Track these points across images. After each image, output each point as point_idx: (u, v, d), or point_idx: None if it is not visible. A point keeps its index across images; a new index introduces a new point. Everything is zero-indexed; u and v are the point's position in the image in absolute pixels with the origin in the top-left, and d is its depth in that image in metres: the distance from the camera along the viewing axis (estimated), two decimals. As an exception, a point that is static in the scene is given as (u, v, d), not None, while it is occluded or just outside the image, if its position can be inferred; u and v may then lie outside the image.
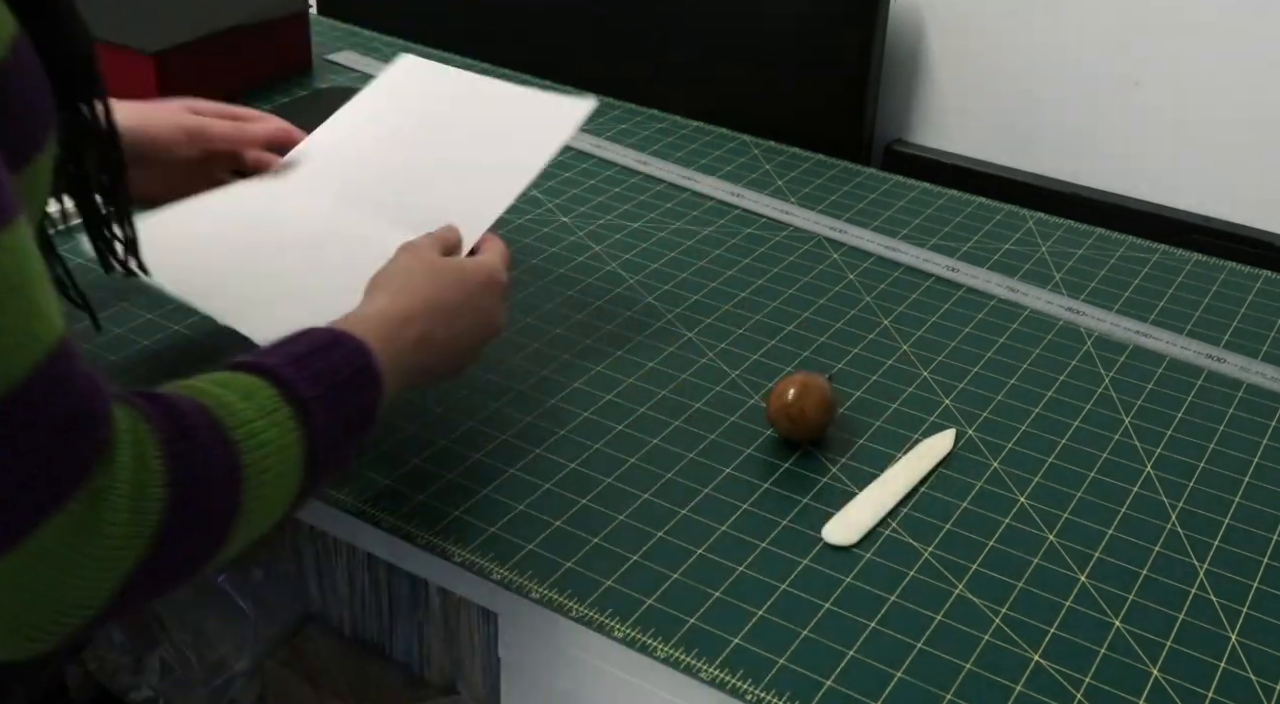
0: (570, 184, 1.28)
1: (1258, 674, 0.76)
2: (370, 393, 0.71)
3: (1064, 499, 0.89)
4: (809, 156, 1.36)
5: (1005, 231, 1.24)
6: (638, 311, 1.08)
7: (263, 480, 0.62)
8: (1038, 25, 1.40)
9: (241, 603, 1.17)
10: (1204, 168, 1.37)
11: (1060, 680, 0.75)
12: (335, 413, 0.67)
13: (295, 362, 0.67)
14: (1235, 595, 0.81)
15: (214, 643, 1.17)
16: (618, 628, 0.77)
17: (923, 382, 1.01)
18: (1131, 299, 1.13)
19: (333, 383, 0.68)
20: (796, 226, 1.23)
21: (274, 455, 0.63)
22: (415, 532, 0.83)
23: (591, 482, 0.88)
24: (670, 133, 1.40)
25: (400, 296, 0.79)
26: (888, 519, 0.86)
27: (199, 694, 1.19)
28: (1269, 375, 1.03)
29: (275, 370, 0.66)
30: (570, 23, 1.57)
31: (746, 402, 0.97)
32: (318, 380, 0.67)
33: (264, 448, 0.62)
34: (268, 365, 0.66)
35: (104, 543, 0.55)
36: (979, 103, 1.47)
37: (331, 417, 0.67)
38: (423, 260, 0.83)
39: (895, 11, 1.44)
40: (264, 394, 0.64)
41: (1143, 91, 1.37)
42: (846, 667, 0.75)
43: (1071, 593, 0.81)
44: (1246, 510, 0.89)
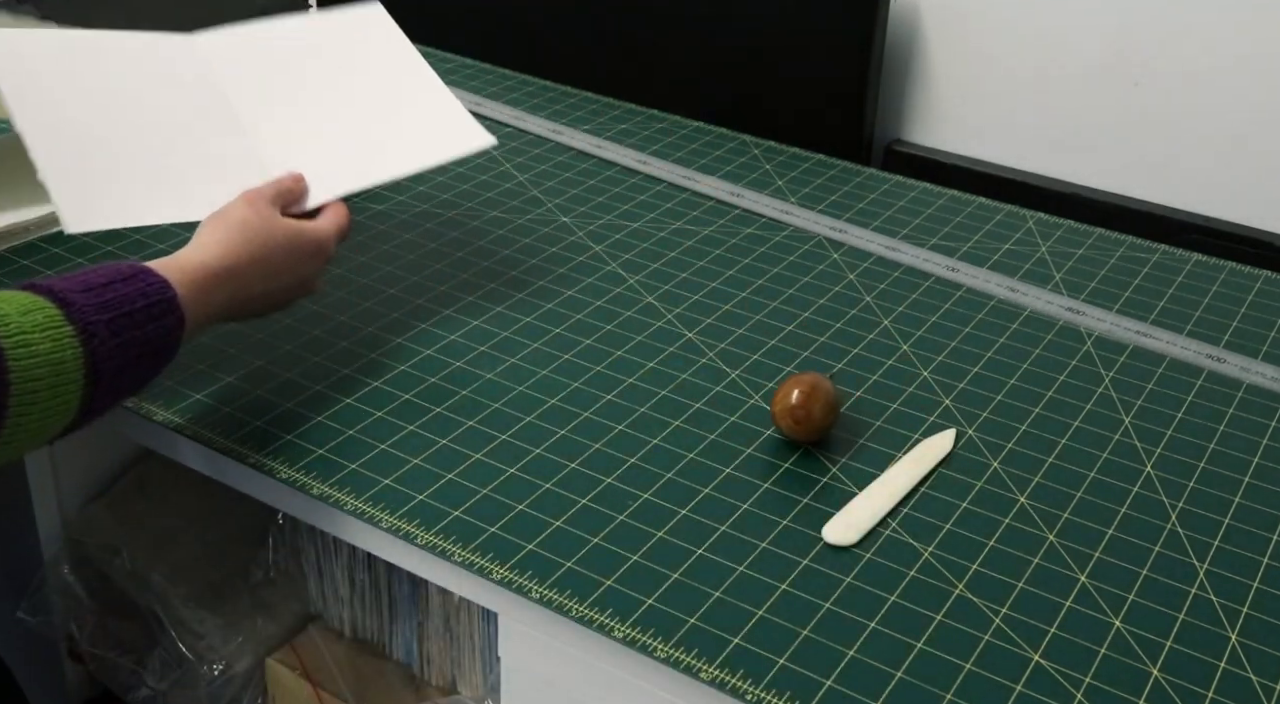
0: (570, 184, 1.28)
1: (1258, 674, 0.76)
2: (166, 325, 0.76)
3: (1064, 499, 0.89)
4: (809, 156, 1.36)
5: (1005, 231, 1.24)
6: (638, 311, 1.08)
7: (32, 388, 0.67)
8: (1037, 25, 1.40)
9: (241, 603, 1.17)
10: (1204, 168, 1.37)
11: (1060, 680, 0.75)
12: (122, 337, 0.73)
13: (88, 289, 0.73)
14: (1235, 595, 0.81)
15: (214, 643, 1.17)
16: (618, 628, 0.77)
17: (923, 382, 1.01)
18: (1131, 299, 1.13)
19: (124, 312, 0.73)
20: (796, 227, 1.22)
21: (44, 366, 0.68)
22: (415, 532, 0.83)
23: (591, 482, 0.88)
24: (670, 133, 1.40)
25: (229, 253, 0.84)
26: (888, 519, 0.86)
27: (199, 694, 1.19)
28: (1269, 375, 1.03)
29: (64, 293, 0.71)
30: (570, 23, 1.57)
31: (746, 401, 0.97)
32: (106, 307, 0.72)
33: (34, 357, 0.67)
34: (57, 288, 0.72)
35: None
36: (979, 103, 1.47)
37: (118, 341, 0.72)
38: (261, 216, 0.88)
39: (895, 11, 1.44)
40: (45, 312, 0.69)
41: (1142, 91, 1.37)
42: (846, 667, 0.75)
43: (1071, 593, 0.81)
44: (1246, 510, 0.89)
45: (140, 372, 0.76)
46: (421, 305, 1.06)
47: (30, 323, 0.68)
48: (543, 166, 1.31)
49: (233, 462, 0.89)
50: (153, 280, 0.77)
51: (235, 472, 0.90)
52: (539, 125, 1.39)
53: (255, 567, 1.17)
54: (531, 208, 1.23)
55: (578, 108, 1.45)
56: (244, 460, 0.88)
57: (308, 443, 0.90)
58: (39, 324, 0.69)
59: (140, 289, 0.75)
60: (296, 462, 0.88)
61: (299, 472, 0.88)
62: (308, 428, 0.92)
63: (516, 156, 1.33)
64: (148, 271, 0.77)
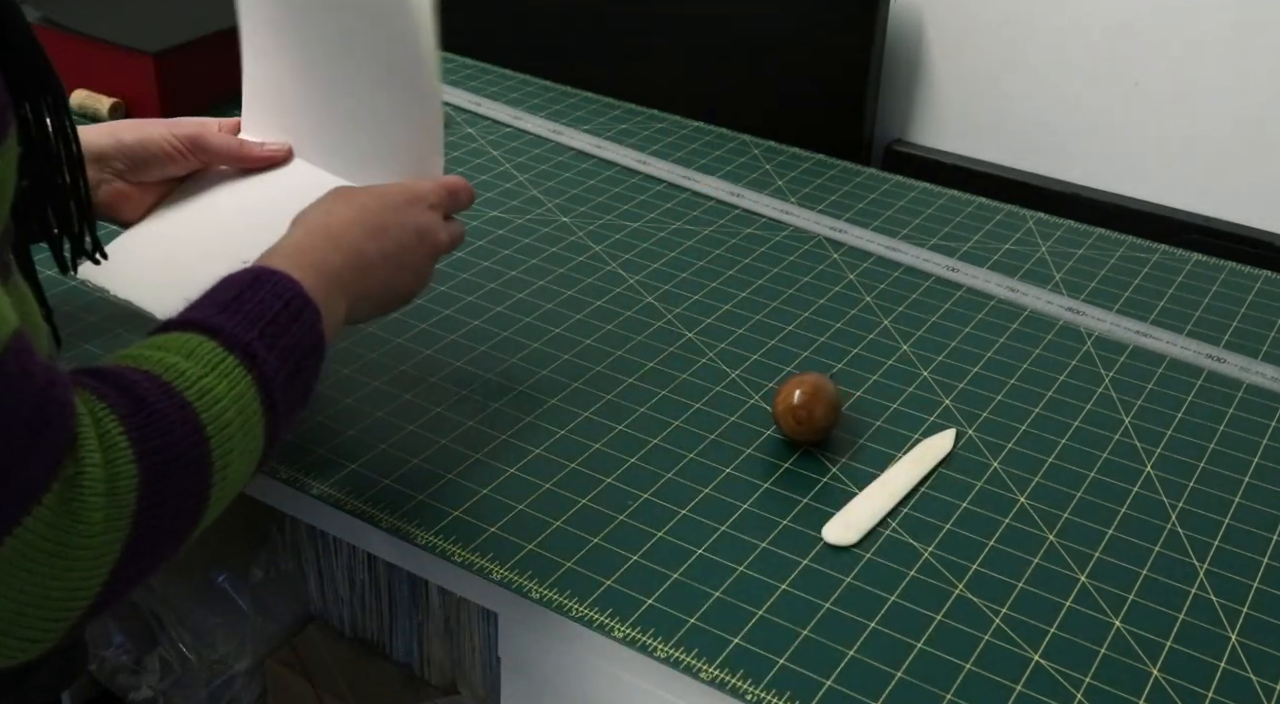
0: (570, 184, 1.28)
1: (1258, 674, 0.76)
2: (308, 320, 0.71)
3: (1064, 499, 0.89)
4: (809, 156, 1.36)
5: (1005, 231, 1.24)
6: (638, 311, 1.08)
7: (227, 435, 0.62)
8: (1037, 25, 1.40)
9: (241, 603, 1.17)
10: (1204, 168, 1.37)
11: (1060, 680, 0.75)
12: (279, 349, 0.67)
13: (224, 309, 0.67)
14: (1235, 595, 0.81)
15: (214, 643, 1.17)
16: (618, 628, 0.77)
17: (923, 382, 1.01)
18: (1131, 299, 1.13)
19: (268, 321, 0.68)
20: (796, 227, 1.22)
21: (231, 407, 0.63)
22: (415, 532, 0.83)
23: (591, 482, 0.88)
24: (670, 133, 1.40)
25: (318, 225, 0.78)
26: (888, 519, 0.86)
27: (199, 694, 1.19)
28: (1269, 375, 1.03)
29: (207, 322, 0.66)
30: (570, 23, 1.57)
31: (746, 401, 0.97)
32: (252, 321, 0.67)
33: (219, 403, 0.62)
34: (198, 319, 0.66)
35: (86, 529, 0.54)
36: (979, 103, 1.47)
37: (276, 354, 0.67)
38: (340, 191, 0.83)
39: (895, 11, 1.44)
40: (204, 348, 0.64)
41: (1142, 91, 1.37)
42: (846, 667, 0.75)
43: (1071, 593, 0.81)
44: (1246, 510, 0.89)
45: (304, 380, 0.70)
46: (421, 305, 1.06)
47: (200, 367, 0.62)
48: (543, 166, 1.31)
49: (233, 462, 0.89)
50: (276, 278, 0.70)
51: (235, 472, 0.90)
52: (539, 125, 1.39)
53: (255, 567, 1.17)
54: (531, 208, 1.23)
55: (578, 108, 1.45)
56: (244, 460, 0.88)
57: (307, 443, 0.90)
58: (208, 364, 0.63)
59: (271, 291, 0.69)
60: (296, 462, 0.88)
61: (299, 472, 0.88)
62: (308, 429, 0.92)
63: (516, 156, 1.33)
64: (267, 270, 0.71)
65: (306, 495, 0.87)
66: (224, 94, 1.40)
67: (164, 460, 0.58)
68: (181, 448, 0.59)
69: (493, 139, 1.36)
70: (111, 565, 0.56)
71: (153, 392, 0.59)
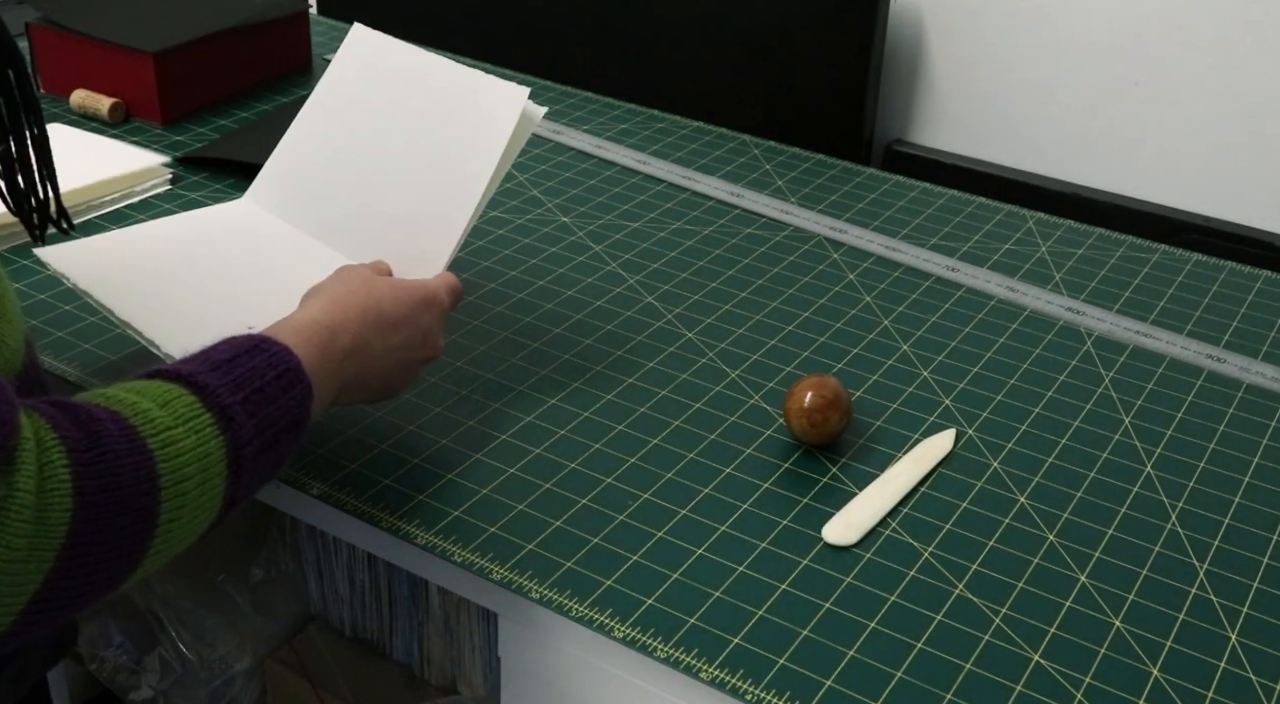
0: (570, 184, 1.28)
1: (1258, 674, 0.76)
2: (296, 396, 0.70)
3: (1064, 499, 0.89)
4: (809, 156, 1.36)
5: (1005, 231, 1.24)
6: (638, 311, 1.08)
7: (182, 489, 0.61)
8: (1037, 25, 1.40)
9: (241, 603, 1.17)
10: (1204, 168, 1.37)
11: (1060, 680, 0.75)
12: (259, 418, 0.67)
13: (215, 368, 0.66)
14: (1235, 595, 0.81)
15: (214, 643, 1.17)
16: (618, 628, 0.77)
17: (923, 382, 1.01)
18: (1131, 299, 1.13)
19: (255, 388, 0.67)
20: (796, 226, 1.23)
21: (193, 464, 0.62)
22: (415, 532, 0.83)
23: (591, 482, 0.88)
24: (670, 133, 1.40)
25: (335, 306, 0.78)
26: (888, 519, 0.86)
27: (199, 694, 1.19)
28: (1269, 375, 1.03)
29: (194, 377, 0.65)
30: (570, 23, 1.57)
31: (747, 401, 0.97)
32: (239, 386, 0.66)
33: (181, 456, 0.61)
34: (185, 372, 0.65)
35: (6, 553, 0.53)
36: (979, 103, 1.47)
37: (255, 422, 0.66)
38: (359, 275, 0.83)
39: (895, 11, 1.44)
40: (182, 401, 0.63)
41: (1142, 91, 1.37)
42: (846, 667, 0.75)
43: (1071, 593, 0.81)
44: (1246, 510, 0.89)
45: (277, 452, 0.69)
46: (421, 305, 1.06)
47: (171, 417, 0.61)
48: (543, 166, 1.31)
49: (233, 462, 0.89)
50: (276, 349, 0.70)
51: (235, 472, 0.90)
52: (539, 125, 1.39)
53: (255, 567, 1.17)
54: (531, 208, 1.23)
55: (578, 108, 1.45)
56: (244, 460, 0.89)
57: (307, 443, 0.90)
58: (180, 416, 0.62)
59: (266, 360, 0.69)
60: (296, 462, 0.88)
61: (299, 472, 0.88)
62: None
63: (517, 157, 1.33)
64: (269, 340, 0.71)
65: (306, 495, 0.87)
66: (224, 94, 1.40)
67: (105, 501, 0.57)
68: (128, 493, 0.58)
69: (493, 139, 1.36)
70: (30, 595, 0.55)
71: (113, 431, 0.58)
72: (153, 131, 1.32)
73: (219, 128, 1.34)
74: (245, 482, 0.66)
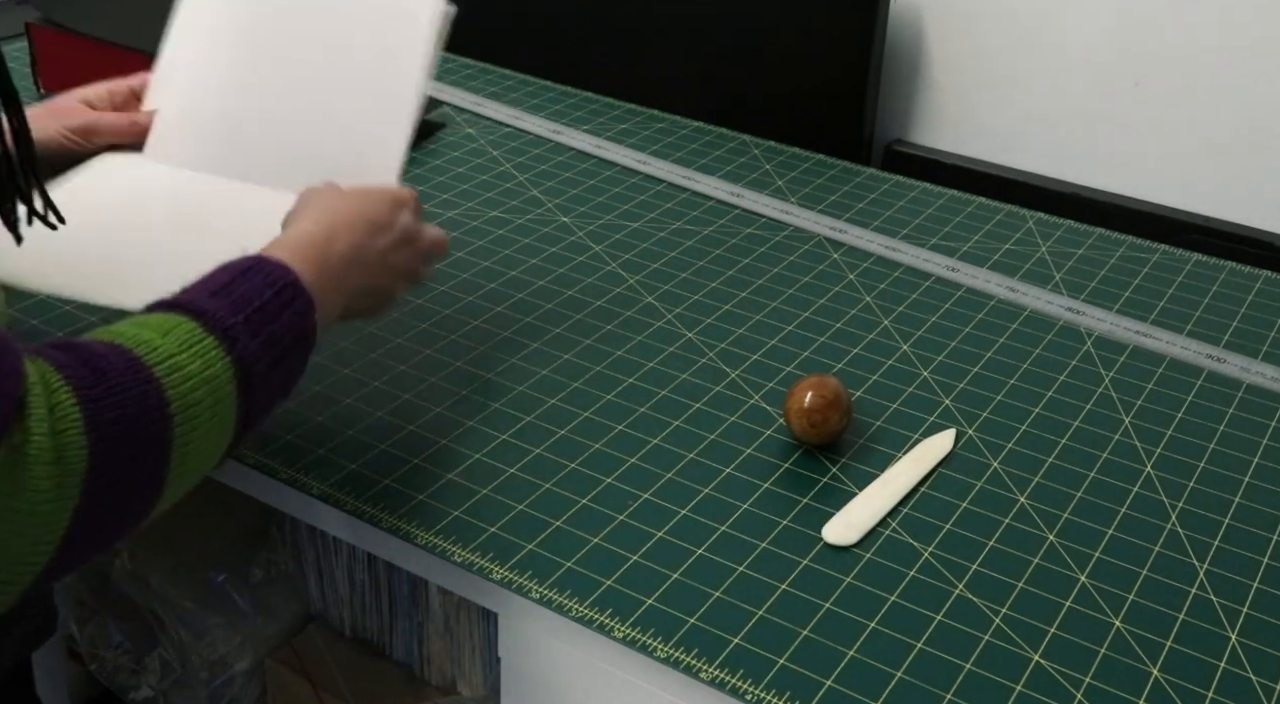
0: (570, 184, 1.28)
1: (1258, 674, 0.76)
2: (298, 310, 0.71)
3: (1064, 499, 0.89)
4: (809, 156, 1.36)
5: (1005, 231, 1.24)
6: (638, 311, 1.08)
7: (193, 414, 0.62)
8: (1037, 25, 1.40)
9: (241, 603, 1.17)
10: (1204, 168, 1.37)
11: (1060, 680, 0.75)
12: (263, 336, 0.67)
13: (214, 293, 0.67)
14: (1235, 595, 0.81)
15: (214, 643, 1.17)
16: (618, 628, 0.77)
17: (923, 382, 1.01)
18: (1131, 299, 1.13)
19: (256, 307, 0.68)
20: (796, 226, 1.22)
21: (202, 387, 0.63)
22: (415, 532, 0.83)
23: (591, 481, 0.88)
24: (670, 133, 1.40)
25: (321, 218, 0.78)
26: (888, 519, 0.86)
27: (199, 694, 1.18)
28: (1269, 375, 1.03)
29: (193, 304, 0.66)
30: (571, 23, 1.57)
31: (747, 401, 0.97)
32: (238, 307, 0.67)
33: (189, 380, 0.62)
34: (184, 301, 0.66)
35: (33, 497, 0.55)
36: (979, 103, 1.47)
37: (260, 340, 0.67)
38: (329, 189, 0.82)
39: (895, 11, 1.44)
40: (183, 328, 0.64)
41: (1143, 91, 1.37)
42: (846, 667, 0.75)
43: (1071, 593, 0.81)
44: (1246, 510, 0.89)
45: (286, 368, 0.70)
46: (421, 305, 1.06)
47: (174, 344, 0.63)
48: (543, 166, 1.31)
49: (233, 462, 0.89)
50: (272, 267, 0.71)
51: (235, 472, 0.90)
52: (539, 125, 1.39)
53: (255, 567, 1.17)
54: (531, 208, 1.23)
55: (578, 108, 1.45)
56: (244, 460, 0.88)
57: (307, 443, 0.90)
58: (184, 342, 0.63)
59: (265, 279, 0.69)
60: (296, 461, 0.88)
61: (299, 472, 0.88)
62: (307, 429, 0.92)
63: (516, 156, 1.33)
64: (265, 260, 0.71)
65: (306, 495, 0.87)
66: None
67: (118, 433, 0.58)
68: (139, 422, 0.59)
69: (493, 139, 1.36)
70: (63, 531, 0.56)
71: (117, 364, 0.60)
72: (153, 131, 1.32)
73: (219, 128, 1.34)
74: (258, 400, 0.67)
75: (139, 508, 0.61)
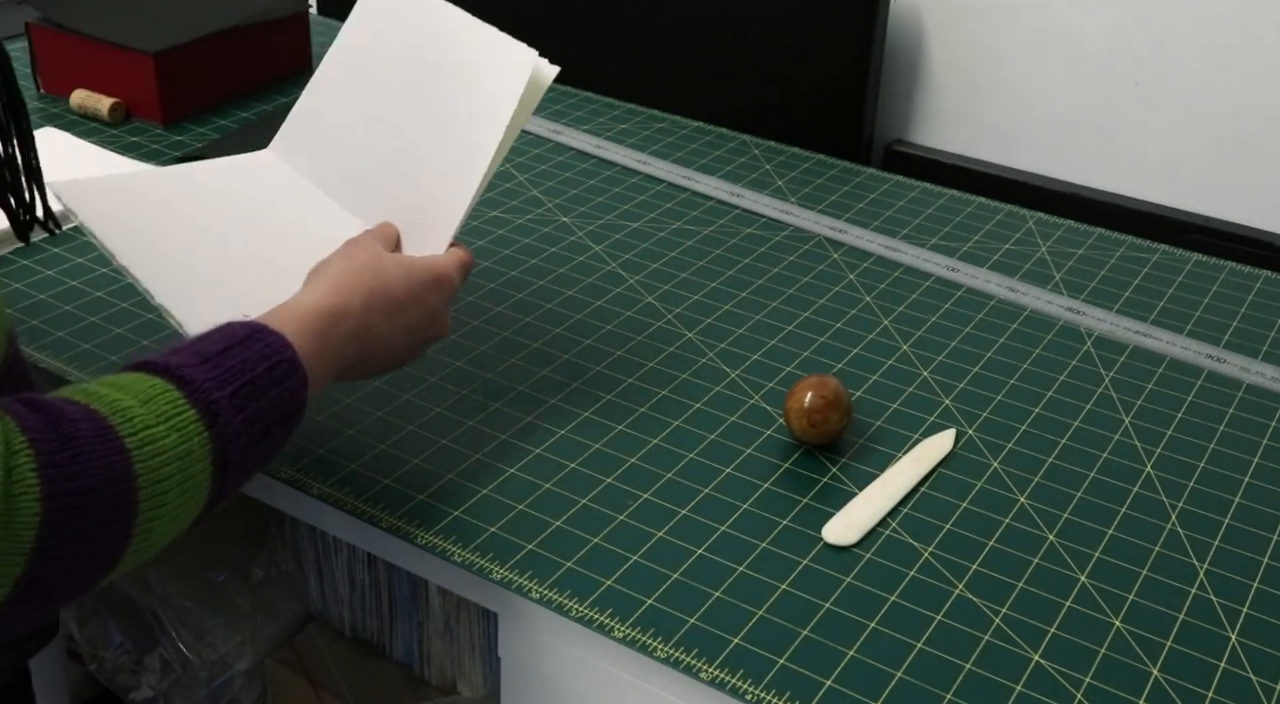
0: (570, 184, 1.28)
1: (1258, 674, 0.76)
2: (291, 387, 0.69)
3: (1064, 499, 0.89)
4: (809, 156, 1.36)
5: (1005, 231, 1.24)
6: (638, 311, 1.08)
7: (161, 489, 0.60)
8: (1037, 25, 1.40)
9: (241, 603, 1.17)
10: (1204, 168, 1.37)
11: (1060, 680, 0.75)
12: (249, 411, 0.65)
13: (205, 360, 0.65)
14: (1235, 595, 0.81)
15: (214, 643, 1.17)
16: (618, 628, 0.77)
17: (923, 382, 1.01)
18: (1131, 299, 1.13)
19: (246, 380, 0.66)
20: (796, 226, 1.23)
21: (174, 463, 0.60)
22: (415, 532, 0.83)
23: (591, 482, 0.88)
24: (670, 133, 1.40)
25: (339, 289, 0.77)
26: (888, 519, 0.86)
27: (199, 694, 1.18)
28: (1269, 375, 1.03)
29: (180, 371, 0.63)
30: (571, 23, 1.57)
31: (746, 401, 0.97)
32: (228, 378, 0.65)
33: (161, 455, 0.60)
34: (173, 366, 0.64)
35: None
36: (979, 103, 1.47)
37: (244, 416, 0.65)
38: (367, 253, 0.81)
39: (895, 11, 1.44)
40: (165, 397, 0.61)
41: (1142, 91, 1.37)
42: (846, 667, 0.75)
43: (1071, 593, 0.81)
44: (1246, 510, 0.89)
45: (268, 444, 0.68)
46: (421, 305, 1.06)
47: (152, 415, 0.60)
48: (543, 166, 1.31)
49: (233, 462, 0.89)
50: (271, 339, 0.68)
51: (235, 472, 0.90)
52: (539, 125, 1.39)
53: (255, 567, 1.17)
54: (531, 208, 1.23)
55: (578, 108, 1.45)
56: (244, 460, 0.88)
57: (307, 443, 0.90)
58: (162, 414, 0.60)
59: (260, 352, 0.67)
60: (297, 462, 0.88)
61: (299, 472, 0.88)
62: (307, 429, 0.92)
63: (516, 156, 1.33)
64: (264, 330, 0.69)
65: (306, 495, 0.87)
66: (224, 94, 1.40)
67: (76, 504, 0.56)
68: (100, 495, 0.57)
69: (493, 139, 1.36)
70: (4, 596, 0.54)
71: (87, 432, 0.57)
72: (153, 131, 1.32)
73: (219, 128, 1.34)
74: (232, 476, 0.65)
75: (89, 579, 0.58)
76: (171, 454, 0.60)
